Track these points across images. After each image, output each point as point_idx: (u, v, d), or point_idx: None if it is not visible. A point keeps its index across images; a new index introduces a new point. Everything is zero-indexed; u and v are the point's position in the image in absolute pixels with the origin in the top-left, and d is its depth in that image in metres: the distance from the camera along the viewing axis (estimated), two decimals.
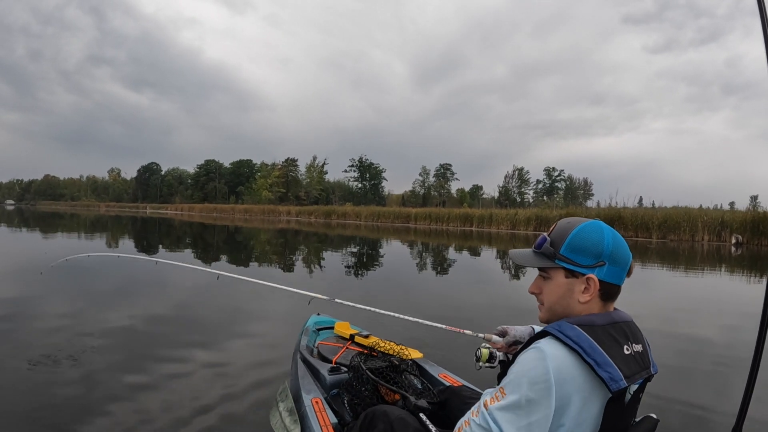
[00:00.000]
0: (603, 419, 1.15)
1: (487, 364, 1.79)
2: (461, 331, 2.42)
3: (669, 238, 23.02)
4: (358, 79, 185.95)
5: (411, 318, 2.66)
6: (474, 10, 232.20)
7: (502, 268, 11.52)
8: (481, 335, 1.94)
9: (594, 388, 1.12)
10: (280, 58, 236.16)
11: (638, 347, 1.22)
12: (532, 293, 1.36)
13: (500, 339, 1.75)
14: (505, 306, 6.77)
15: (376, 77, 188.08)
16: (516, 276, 9.74)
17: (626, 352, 1.17)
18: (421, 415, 1.70)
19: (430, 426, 1.63)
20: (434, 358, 2.69)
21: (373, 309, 2.81)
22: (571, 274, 1.25)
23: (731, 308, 6.99)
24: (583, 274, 1.23)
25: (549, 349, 1.11)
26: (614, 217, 24.36)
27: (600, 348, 1.12)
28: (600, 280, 1.22)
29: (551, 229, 1.33)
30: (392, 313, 2.73)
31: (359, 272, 9.81)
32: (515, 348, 1.70)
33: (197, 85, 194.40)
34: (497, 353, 1.79)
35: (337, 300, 2.97)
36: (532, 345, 1.16)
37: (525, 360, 1.14)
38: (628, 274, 1.27)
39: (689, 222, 22.51)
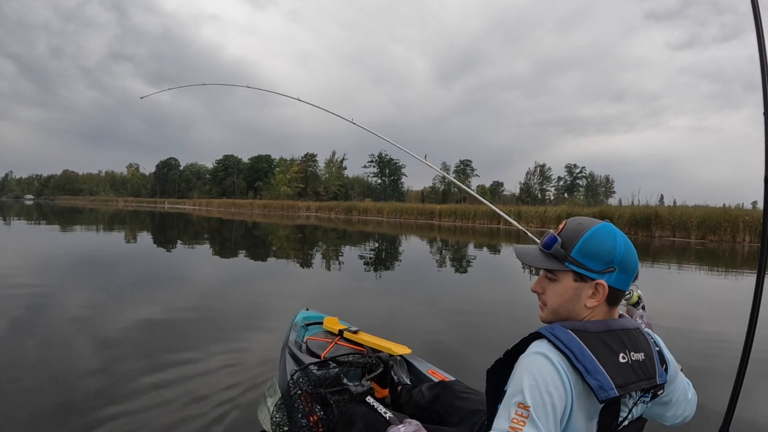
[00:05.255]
0: (597, 430, 1.11)
1: (631, 306, 1.78)
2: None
3: (708, 238, 21.93)
4: (379, 75, 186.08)
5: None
6: (496, 6, 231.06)
7: None
8: None
9: (585, 396, 1.08)
10: (301, 54, 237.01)
11: (638, 356, 1.16)
12: (535, 292, 1.30)
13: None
14: None
15: (397, 73, 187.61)
16: None
17: (621, 361, 1.11)
18: (369, 398, 1.75)
19: (377, 405, 1.72)
20: (422, 353, 2.70)
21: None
22: (580, 278, 1.19)
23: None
24: (593, 279, 1.19)
25: (550, 353, 1.07)
26: (651, 216, 23.35)
27: (591, 354, 1.08)
28: (609, 286, 1.18)
29: (560, 228, 1.25)
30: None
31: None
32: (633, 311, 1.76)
33: (217, 81, 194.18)
34: (642, 301, 1.82)
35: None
36: (533, 350, 1.11)
37: (534, 366, 1.07)
38: (634, 279, 1.24)
39: (730, 222, 21.35)
